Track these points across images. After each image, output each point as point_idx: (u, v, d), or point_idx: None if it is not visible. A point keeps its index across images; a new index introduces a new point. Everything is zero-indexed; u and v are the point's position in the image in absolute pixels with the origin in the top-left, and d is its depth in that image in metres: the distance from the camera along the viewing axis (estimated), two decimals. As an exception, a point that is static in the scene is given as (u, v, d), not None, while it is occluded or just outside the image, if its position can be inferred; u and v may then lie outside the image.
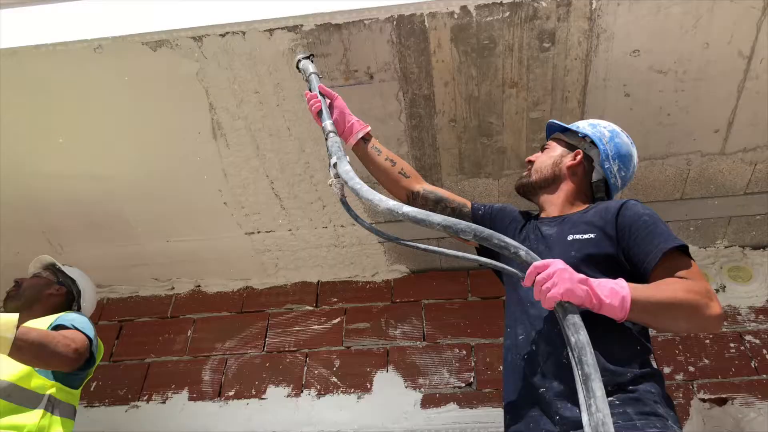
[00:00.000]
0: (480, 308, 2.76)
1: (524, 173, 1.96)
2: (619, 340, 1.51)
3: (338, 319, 2.86)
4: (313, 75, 2.02)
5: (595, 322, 1.43)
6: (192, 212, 2.75)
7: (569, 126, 1.97)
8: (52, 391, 2.01)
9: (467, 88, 2.27)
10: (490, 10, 2.06)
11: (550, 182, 1.88)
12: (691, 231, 2.73)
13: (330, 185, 1.74)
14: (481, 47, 2.15)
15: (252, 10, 2.13)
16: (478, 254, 1.95)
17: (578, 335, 1.31)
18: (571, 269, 1.40)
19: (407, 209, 1.50)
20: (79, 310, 2.43)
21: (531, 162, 1.96)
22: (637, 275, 1.57)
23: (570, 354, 1.33)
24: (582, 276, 1.40)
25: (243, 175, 2.60)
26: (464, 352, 2.65)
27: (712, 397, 2.37)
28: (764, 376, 2.39)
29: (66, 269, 2.48)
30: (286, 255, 2.94)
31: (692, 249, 2.78)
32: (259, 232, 2.84)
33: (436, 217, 1.47)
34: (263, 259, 2.96)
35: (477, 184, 2.59)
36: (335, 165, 1.73)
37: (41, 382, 1.99)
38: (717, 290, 2.64)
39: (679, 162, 2.48)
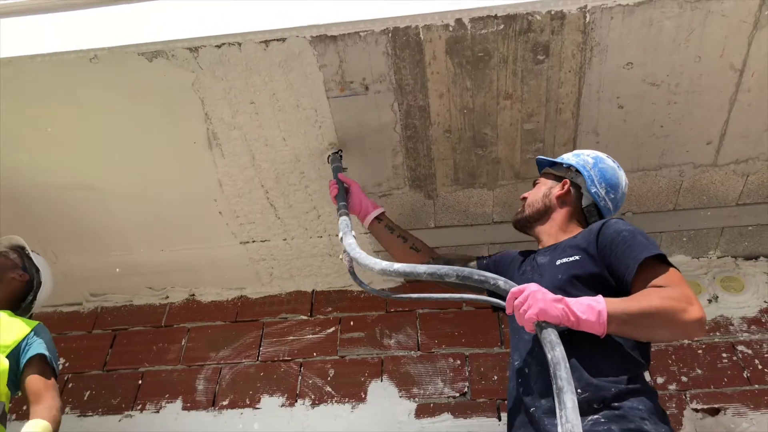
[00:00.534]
0: (474, 318, 2.77)
1: (519, 209, 2.09)
2: (605, 355, 1.55)
3: (333, 329, 2.86)
4: (335, 166, 2.33)
5: (581, 339, 1.48)
6: (187, 221, 2.75)
7: (555, 159, 2.09)
8: (5, 399, 2.02)
9: (462, 99, 2.28)
10: (484, 22, 2.07)
11: (542, 214, 1.99)
12: (683, 241, 2.75)
13: (341, 259, 2.02)
14: (475, 59, 2.17)
15: (248, 21, 2.14)
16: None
17: (554, 351, 1.38)
18: (545, 290, 1.48)
19: (396, 266, 1.71)
20: (32, 301, 2.38)
21: (525, 198, 2.09)
22: (621, 291, 1.60)
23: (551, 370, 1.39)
24: (557, 296, 1.48)
25: (238, 184, 2.60)
26: (458, 362, 2.65)
27: (705, 407, 2.38)
28: (756, 386, 2.40)
29: (33, 256, 2.41)
30: (280, 264, 2.94)
31: (685, 259, 2.80)
32: (254, 241, 2.84)
33: (421, 268, 1.64)
34: (258, 268, 2.96)
35: (471, 195, 2.61)
36: (341, 239, 2.01)
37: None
38: (709, 300, 2.66)
39: (672, 173, 2.50)
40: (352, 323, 2.87)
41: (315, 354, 2.78)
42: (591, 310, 1.45)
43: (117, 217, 2.73)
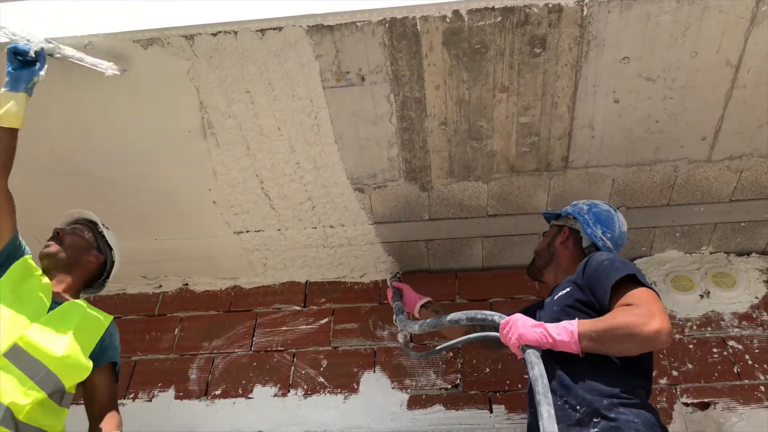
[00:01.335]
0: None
1: (531, 260, 2.33)
2: (602, 372, 1.70)
3: (326, 320, 2.87)
4: (392, 280, 2.76)
5: (575, 359, 1.68)
6: (181, 211, 2.75)
7: (557, 212, 2.32)
8: (73, 390, 1.99)
9: (458, 91, 2.28)
10: (482, 14, 2.07)
11: (549, 260, 2.23)
12: (677, 237, 2.76)
13: (398, 339, 2.49)
14: (472, 51, 2.16)
15: (244, 10, 2.12)
16: None
17: (533, 370, 1.60)
18: (525, 318, 1.74)
19: (427, 321, 2.16)
20: (105, 280, 2.30)
21: (535, 251, 2.33)
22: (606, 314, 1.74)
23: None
24: (536, 322, 1.72)
25: (232, 174, 2.59)
26: (451, 354, 2.66)
27: (695, 401, 2.40)
28: (746, 381, 2.42)
29: (106, 233, 2.27)
30: (274, 255, 2.94)
31: (678, 254, 2.82)
32: (248, 231, 2.84)
33: (444, 319, 2.06)
34: (252, 258, 2.96)
35: (466, 187, 2.61)
36: (395, 321, 2.43)
37: (74, 379, 1.95)
38: (701, 296, 2.68)
39: (666, 168, 2.50)
40: (345, 314, 2.87)
41: (308, 344, 2.79)
42: (565, 331, 1.66)
43: (111, 205, 2.71)
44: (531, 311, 2.14)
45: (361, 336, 2.78)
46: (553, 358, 1.72)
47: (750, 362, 2.47)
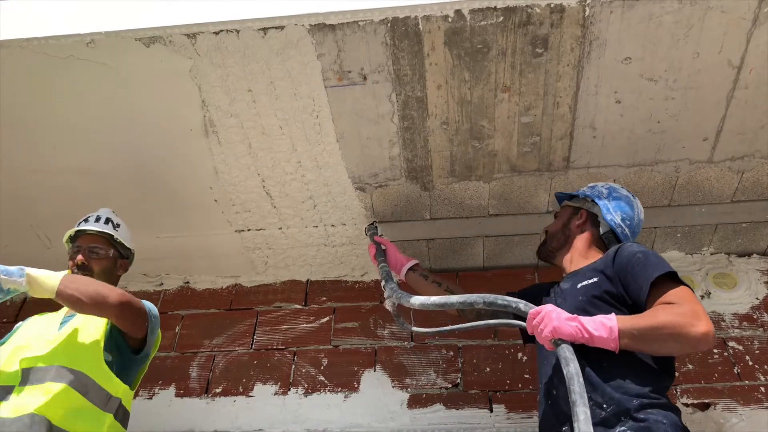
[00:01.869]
0: (468, 310, 2.78)
1: (542, 241, 2.22)
2: (627, 370, 1.64)
3: (327, 318, 2.87)
4: (372, 233, 2.56)
5: (603, 356, 1.61)
6: (182, 209, 2.75)
7: (572, 193, 2.23)
8: (121, 391, 1.94)
9: (460, 91, 2.28)
10: (484, 14, 2.07)
11: (563, 243, 2.12)
12: (678, 237, 2.76)
13: (384, 304, 2.22)
14: (474, 51, 2.16)
15: (246, 8, 2.12)
16: None
17: (568, 367, 1.50)
18: (559, 310, 1.63)
19: (432, 299, 1.93)
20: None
21: (546, 231, 2.22)
22: (638, 309, 1.69)
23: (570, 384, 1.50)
24: (571, 315, 1.62)
25: (234, 172, 2.60)
26: (451, 353, 2.67)
27: (695, 402, 2.40)
28: (747, 382, 2.42)
29: (124, 239, 2.27)
30: (275, 253, 2.94)
31: (678, 255, 2.82)
32: (249, 229, 2.84)
33: (453, 299, 1.88)
34: (253, 256, 2.96)
35: (467, 187, 2.61)
36: (384, 286, 2.21)
37: (115, 383, 1.92)
38: (702, 296, 2.67)
39: (667, 169, 2.50)
40: (346, 313, 2.87)
41: (309, 343, 2.79)
42: (603, 326, 1.57)
43: (112, 202, 2.71)
44: (542, 292, 2.09)
45: (361, 335, 2.78)
46: (579, 353, 1.60)
47: (750, 363, 2.47)
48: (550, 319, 1.61)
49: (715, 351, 2.52)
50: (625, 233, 2.06)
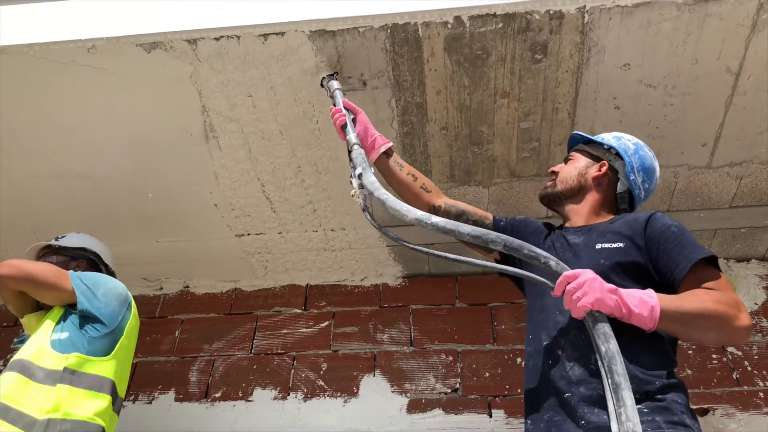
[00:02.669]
0: (467, 315, 2.78)
1: (548, 183, 1.98)
2: (649, 349, 1.52)
3: (326, 323, 2.87)
4: (337, 91, 2.09)
5: (624, 330, 1.45)
6: (182, 213, 2.76)
7: (594, 138, 1.98)
8: (69, 363, 1.92)
9: (459, 96, 2.29)
10: (483, 21, 2.08)
11: (576, 192, 1.90)
12: (677, 242, 2.76)
13: (353, 196, 1.79)
14: (473, 57, 2.17)
15: (247, 14, 2.14)
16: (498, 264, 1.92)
17: (608, 344, 1.35)
18: (601, 279, 1.44)
19: (436, 219, 1.56)
20: (107, 267, 2.35)
21: (554, 173, 1.98)
22: (665, 285, 1.57)
23: (600, 362, 1.38)
24: (612, 286, 1.43)
25: (234, 177, 2.60)
26: (450, 358, 2.67)
27: (694, 407, 2.39)
28: (746, 387, 2.42)
29: (64, 242, 2.31)
30: (275, 257, 2.95)
31: (678, 260, 2.81)
32: (249, 234, 2.85)
33: (465, 227, 1.53)
34: (252, 261, 2.97)
35: (467, 192, 2.61)
36: (360, 176, 1.79)
37: (55, 358, 1.92)
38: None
39: (666, 174, 2.51)
40: (345, 318, 2.88)
41: (308, 348, 2.79)
42: (644, 304, 1.43)
43: (112, 207, 2.73)
44: (536, 234, 1.91)
45: (361, 339, 2.79)
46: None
47: (749, 368, 2.47)
48: (593, 288, 1.41)
49: (714, 356, 2.53)
50: (641, 196, 1.89)
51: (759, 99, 2.26)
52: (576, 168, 1.93)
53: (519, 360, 2.62)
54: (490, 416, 2.47)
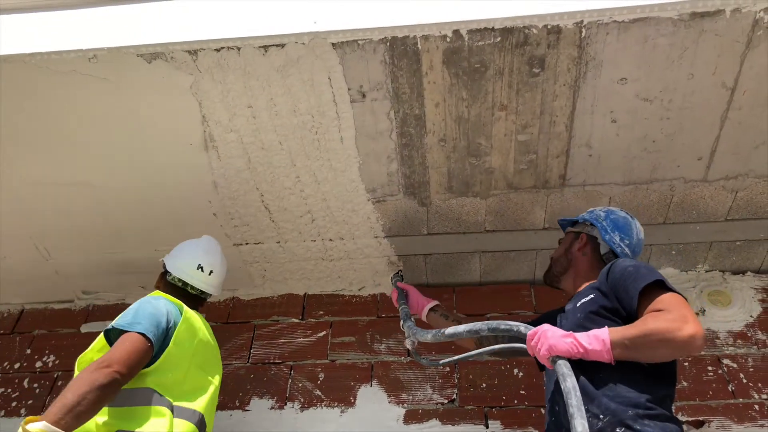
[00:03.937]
0: (464, 325, 2.79)
1: (548, 267, 2.29)
2: (624, 379, 1.66)
3: (324, 332, 2.88)
4: (396, 279, 2.71)
5: (600, 368, 1.66)
6: (181, 222, 2.76)
7: (574, 218, 2.29)
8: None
9: (457, 109, 2.31)
10: (481, 34, 2.10)
11: (567, 267, 2.18)
12: (673, 255, 2.78)
13: (405, 344, 2.36)
14: (472, 70, 2.19)
15: (247, 26, 2.15)
16: None
17: (565, 382, 1.58)
18: (554, 329, 1.71)
19: (443, 331, 2.07)
20: (183, 283, 2.42)
21: (552, 258, 2.28)
22: (631, 319, 1.72)
23: (564, 399, 1.57)
24: (565, 332, 1.69)
25: (233, 187, 2.62)
26: (447, 369, 2.67)
27: (690, 419, 2.41)
28: (741, 400, 2.43)
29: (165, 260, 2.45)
30: (273, 267, 2.96)
31: (673, 272, 2.84)
32: (247, 243, 2.86)
33: (461, 327, 2.01)
34: (250, 270, 2.97)
35: (464, 203, 2.63)
36: (402, 326, 2.36)
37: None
38: (697, 314, 2.69)
39: (662, 187, 2.53)
40: (343, 327, 2.88)
41: (305, 357, 2.80)
42: (596, 339, 1.63)
43: (111, 215, 2.74)
44: (550, 318, 2.12)
45: (358, 349, 2.79)
46: (575, 365, 1.67)
47: (744, 381, 2.48)
48: (546, 337, 1.69)
49: (710, 368, 2.54)
50: (626, 252, 2.09)
51: (754, 114, 2.28)
52: (563, 247, 2.24)
53: (515, 371, 2.63)
54: (487, 427, 2.48)
